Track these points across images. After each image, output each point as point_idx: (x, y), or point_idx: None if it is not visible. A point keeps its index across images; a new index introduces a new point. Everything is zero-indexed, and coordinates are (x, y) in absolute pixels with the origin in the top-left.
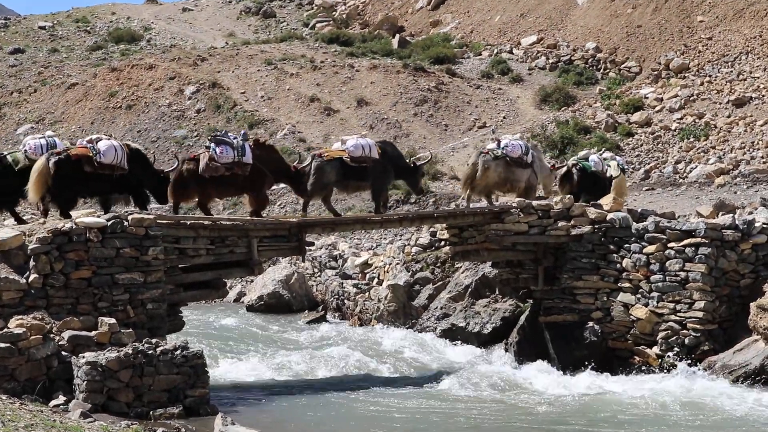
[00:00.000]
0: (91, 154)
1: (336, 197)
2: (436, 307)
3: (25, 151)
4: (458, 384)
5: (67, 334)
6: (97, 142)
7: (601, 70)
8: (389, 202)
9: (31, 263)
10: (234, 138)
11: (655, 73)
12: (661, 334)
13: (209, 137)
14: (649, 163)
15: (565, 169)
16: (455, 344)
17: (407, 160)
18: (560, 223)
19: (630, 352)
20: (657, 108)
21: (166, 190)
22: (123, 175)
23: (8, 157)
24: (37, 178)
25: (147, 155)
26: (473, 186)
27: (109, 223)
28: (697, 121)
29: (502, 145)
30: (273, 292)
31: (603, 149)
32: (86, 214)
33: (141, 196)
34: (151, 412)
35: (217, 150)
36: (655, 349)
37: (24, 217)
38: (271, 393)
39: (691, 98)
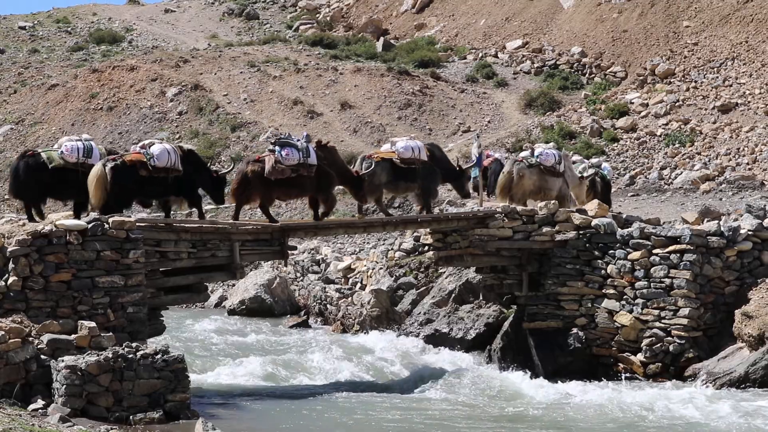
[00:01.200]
0: (145, 159)
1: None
2: (420, 313)
3: (61, 152)
4: (441, 391)
5: (46, 338)
6: (149, 147)
7: (587, 75)
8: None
9: (11, 266)
10: (297, 140)
11: (641, 78)
12: (645, 341)
13: (272, 140)
14: (634, 169)
15: (589, 177)
16: (438, 350)
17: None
18: (545, 229)
19: (614, 359)
20: (642, 113)
21: (222, 190)
22: (177, 177)
23: (43, 154)
24: (96, 185)
25: (201, 156)
26: (511, 195)
27: (90, 226)
28: (682, 126)
29: (536, 154)
30: (255, 297)
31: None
32: (65, 217)
33: (195, 197)
34: (131, 417)
35: (283, 152)
36: (640, 356)
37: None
38: (253, 398)
39: (677, 104)
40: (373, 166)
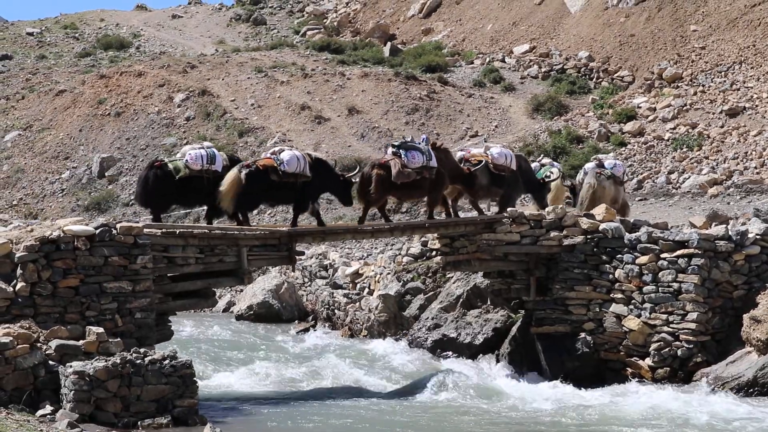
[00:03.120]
0: (275, 164)
1: (332, 206)
2: (427, 318)
3: (186, 161)
4: (449, 396)
5: (54, 343)
6: (279, 153)
7: (594, 80)
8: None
9: (18, 271)
10: (419, 143)
11: (648, 82)
12: (653, 346)
13: (395, 144)
14: (642, 173)
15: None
16: (446, 355)
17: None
18: (552, 233)
19: (622, 364)
20: (650, 118)
21: (349, 192)
22: (306, 182)
23: (169, 165)
24: (229, 188)
25: (328, 162)
26: (593, 206)
27: (98, 231)
28: (690, 131)
29: (609, 165)
30: (263, 302)
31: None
32: (74, 222)
33: (304, 204)
34: (139, 423)
35: (408, 156)
36: (648, 361)
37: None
38: (261, 404)
39: (684, 108)
40: (483, 164)
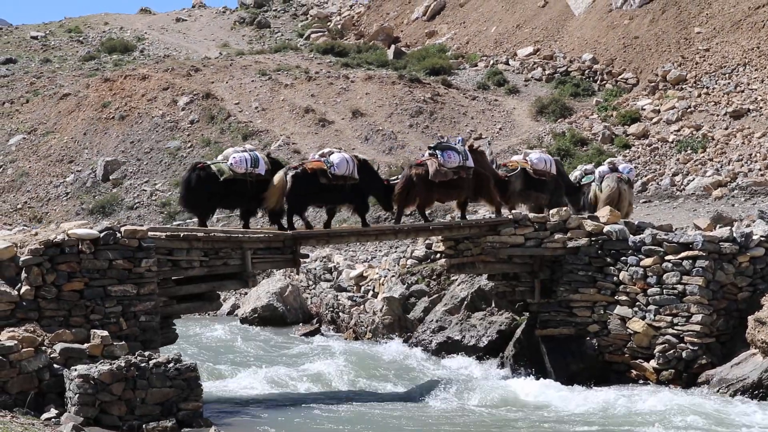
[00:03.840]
0: (325, 167)
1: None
2: (432, 320)
3: (230, 164)
4: (454, 398)
5: (59, 347)
6: (329, 156)
7: (598, 82)
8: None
9: (23, 275)
10: (455, 143)
11: (652, 84)
12: (658, 348)
13: (432, 145)
14: (646, 176)
15: None
16: (451, 357)
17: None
18: (557, 236)
19: (627, 366)
20: (654, 120)
21: (390, 197)
22: (354, 184)
23: (213, 167)
24: (275, 190)
25: (373, 165)
26: (618, 209)
27: (102, 235)
28: (694, 133)
29: (625, 170)
30: (267, 305)
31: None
32: (78, 226)
33: (364, 205)
34: (143, 426)
35: (444, 155)
36: (653, 363)
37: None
38: (265, 406)
39: (689, 110)
40: (518, 170)
